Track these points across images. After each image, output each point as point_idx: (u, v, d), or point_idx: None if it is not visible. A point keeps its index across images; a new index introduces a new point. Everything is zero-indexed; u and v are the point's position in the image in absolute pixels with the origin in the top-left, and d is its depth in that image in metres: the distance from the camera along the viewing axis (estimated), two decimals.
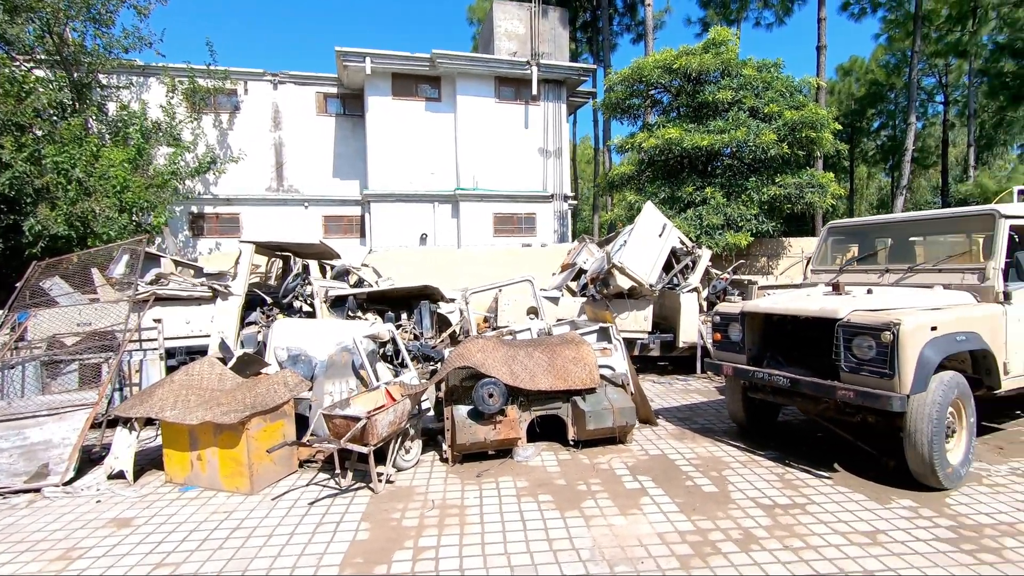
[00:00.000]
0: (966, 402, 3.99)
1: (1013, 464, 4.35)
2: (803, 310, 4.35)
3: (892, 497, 3.77)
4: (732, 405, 5.23)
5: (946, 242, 4.96)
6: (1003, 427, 5.31)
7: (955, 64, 23.92)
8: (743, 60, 12.38)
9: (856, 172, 35.73)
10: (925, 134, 29.79)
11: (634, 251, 7.10)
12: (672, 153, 12.21)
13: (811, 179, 11.33)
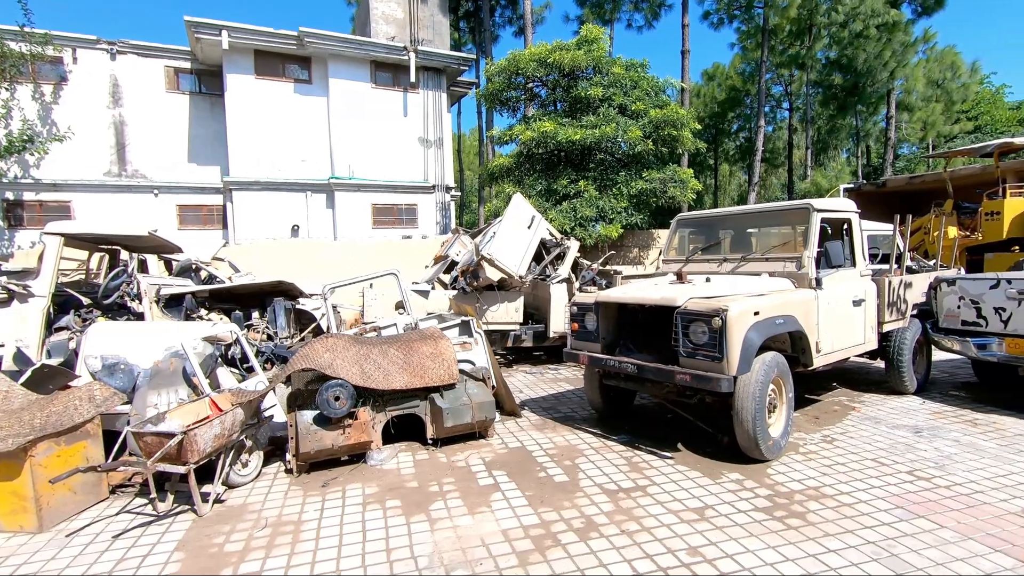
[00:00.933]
0: (785, 379, 4.38)
1: (824, 432, 4.86)
2: (647, 299, 4.53)
3: (723, 472, 4.04)
4: (590, 392, 5.37)
5: (773, 233, 5.44)
6: (820, 398, 5.96)
7: (797, 75, 26.84)
8: (613, 59, 12.92)
9: (720, 170, 39.12)
10: (775, 137, 33.27)
11: (503, 243, 7.08)
12: (548, 146, 12.44)
13: (674, 175, 12.12)
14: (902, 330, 5.81)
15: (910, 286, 5.87)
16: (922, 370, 6.11)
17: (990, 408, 5.42)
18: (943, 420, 5.08)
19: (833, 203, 5.18)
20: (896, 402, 5.71)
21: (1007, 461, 4.07)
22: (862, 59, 19.65)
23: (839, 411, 5.48)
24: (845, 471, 3.99)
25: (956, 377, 6.75)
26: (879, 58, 19.32)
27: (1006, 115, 25.36)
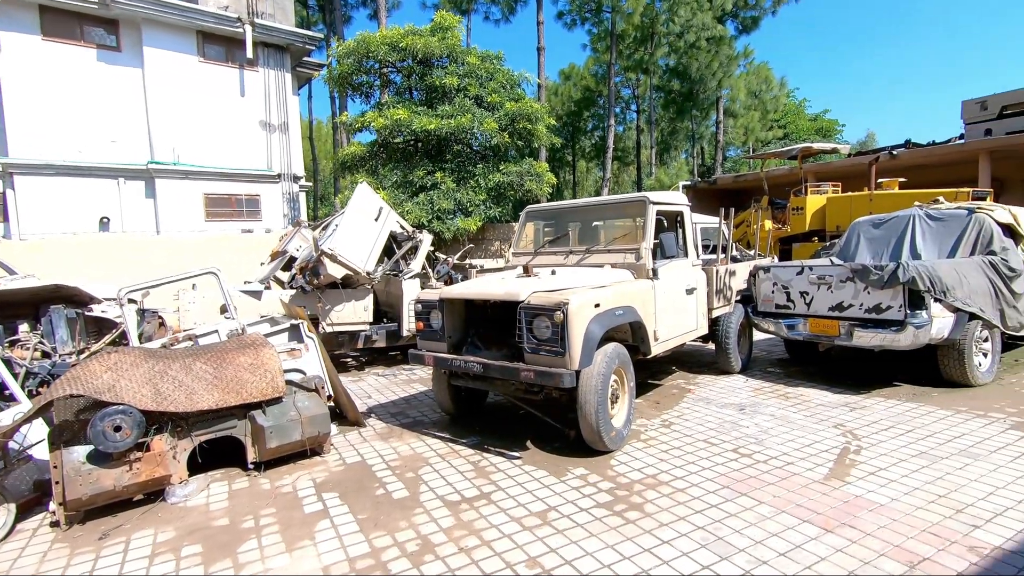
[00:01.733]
0: (627, 369, 4.44)
1: (664, 416, 5.06)
2: (491, 294, 4.32)
3: (569, 468, 3.96)
4: (439, 394, 5.07)
5: (616, 226, 5.55)
6: (661, 383, 6.27)
7: (643, 79, 28.91)
8: (468, 48, 12.71)
9: (578, 166, 41.12)
10: (625, 136, 35.66)
11: (346, 236, 6.49)
12: (403, 135, 11.90)
13: (530, 168, 12.27)
14: (728, 315, 6.29)
15: (734, 274, 6.37)
16: (745, 350, 6.70)
17: (798, 382, 6.06)
18: (762, 396, 5.56)
19: (667, 196, 5.39)
20: (725, 382, 6.18)
21: (811, 431, 4.50)
22: (695, 68, 21.76)
23: (677, 394, 5.77)
24: (680, 455, 4.13)
25: (773, 355, 7.53)
26: (709, 68, 21.56)
27: (807, 124, 29.88)
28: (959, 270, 5.48)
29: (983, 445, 4.07)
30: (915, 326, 5.12)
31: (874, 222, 7.17)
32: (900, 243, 6.71)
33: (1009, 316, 5.78)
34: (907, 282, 5.13)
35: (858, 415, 4.86)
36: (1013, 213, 6.35)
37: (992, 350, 5.76)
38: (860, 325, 5.50)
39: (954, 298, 5.29)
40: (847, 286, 5.60)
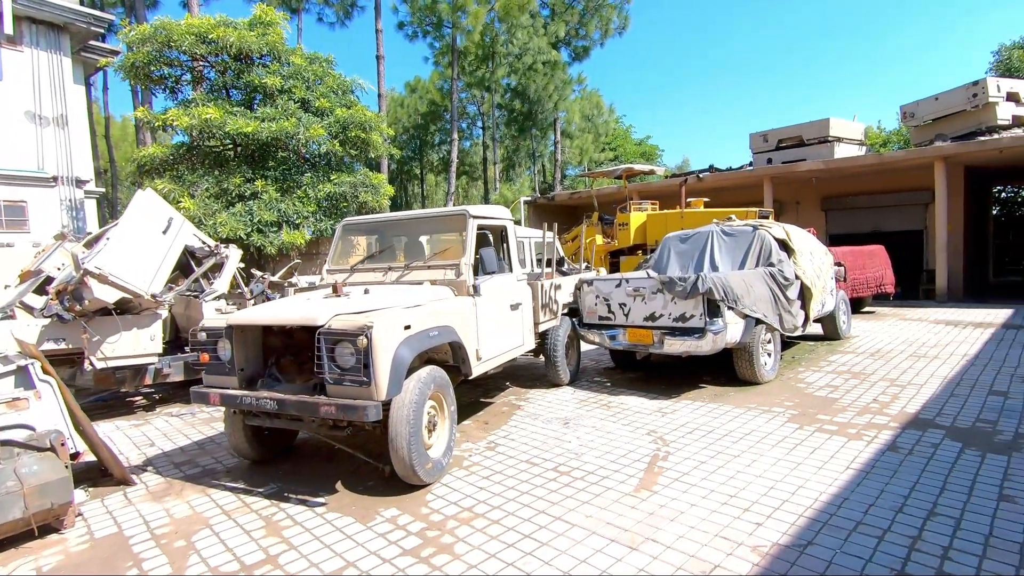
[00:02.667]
0: (446, 393, 4.16)
1: (491, 437, 4.88)
2: (287, 318, 3.78)
3: (379, 510, 3.55)
4: (233, 438, 4.33)
5: (439, 240, 5.29)
6: (493, 400, 6.13)
7: (487, 97, 29.59)
8: (292, 48, 11.76)
9: (427, 180, 40.82)
10: (473, 152, 36.21)
11: (120, 252, 5.40)
12: (216, 138, 10.57)
13: (365, 179, 11.64)
14: (555, 328, 6.37)
15: (559, 288, 6.48)
16: (574, 362, 6.85)
17: (621, 390, 6.31)
18: (587, 408, 5.66)
19: (489, 211, 5.28)
20: (554, 395, 6.22)
21: (627, 440, 4.62)
22: (533, 89, 22.84)
23: (507, 412, 5.65)
24: (501, 479, 3.94)
25: (601, 364, 7.84)
26: (546, 90, 22.76)
27: (633, 148, 33.09)
28: (746, 280, 6.12)
29: (767, 440, 4.47)
30: (713, 332, 5.58)
31: (681, 237, 7.84)
32: (702, 256, 7.39)
33: (786, 319, 6.61)
34: (705, 292, 5.58)
35: (669, 420, 5.12)
36: (786, 230, 7.33)
37: (774, 350, 6.53)
38: (670, 333, 5.87)
39: (743, 306, 5.88)
40: (658, 297, 5.97)
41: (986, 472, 3.71)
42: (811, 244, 7.79)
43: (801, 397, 5.68)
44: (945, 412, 5.00)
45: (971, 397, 5.43)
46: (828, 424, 4.81)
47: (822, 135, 14.69)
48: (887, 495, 3.42)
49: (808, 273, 7.19)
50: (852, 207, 16.29)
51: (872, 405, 5.31)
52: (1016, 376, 6.13)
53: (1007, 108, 13.36)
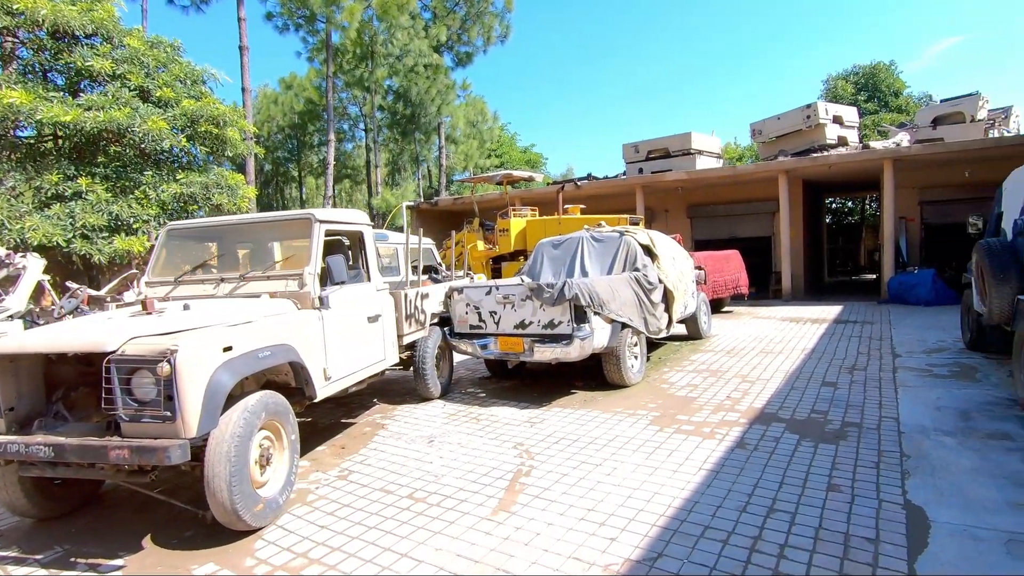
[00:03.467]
0: (285, 420, 3.66)
1: (345, 464, 4.42)
2: (65, 344, 3.09)
3: (191, 568, 2.99)
4: (6, 492, 3.47)
5: (288, 247, 4.75)
6: (355, 420, 5.65)
7: (369, 98, 28.51)
8: (128, 29, 10.33)
9: (307, 183, 38.50)
10: (356, 155, 34.72)
11: None
12: (32, 128, 8.95)
13: (220, 179, 10.49)
14: (424, 339, 6.03)
15: (427, 297, 6.16)
16: (446, 374, 6.54)
17: (493, 401, 6.12)
18: (455, 422, 5.39)
19: (342, 215, 4.83)
20: (423, 410, 5.88)
21: (492, 456, 4.40)
22: (415, 92, 22.33)
23: (369, 433, 5.22)
24: (348, 513, 3.53)
25: (477, 373, 7.62)
26: (428, 94, 22.37)
27: (518, 155, 33.69)
28: (612, 285, 6.21)
29: (629, 446, 4.47)
30: (581, 338, 5.57)
31: (554, 243, 7.87)
32: (573, 262, 7.45)
33: (651, 323, 6.81)
34: (572, 299, 5.55)
35: (537, 430, 4.99)
36: (651, 236, 7.61)
37: (641, 353, 6.71)
38: (539, 340, 5.78)
39: (609, 311, 5.94)
40: (527, 304, 5.85)
41: (818, 463, 3.95)
42: (674, 249, 8.17)
43: (664, 398, 5.84)
44: (786, 405, 5.37)
45: (807, 389, 5.90)
46: (686, 424, 4.95)
47: (685, 148, 15.79)
48: (733, 494, 3.50)
49: (671, 277, 7.51)
50: (713, 215, 17.70)
51: (725, 402, 5.57)
52: (843, 367, 6.81)
53: (834, 129, 15.24)
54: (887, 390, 5.73)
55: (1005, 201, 6.10)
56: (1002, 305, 5.26)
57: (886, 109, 30.88)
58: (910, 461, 3.90)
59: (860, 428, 4.63)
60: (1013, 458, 3.86)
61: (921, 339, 8.37)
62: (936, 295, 12.15)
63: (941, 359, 6.98)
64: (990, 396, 5.31)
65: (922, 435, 4.39)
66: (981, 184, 13.05)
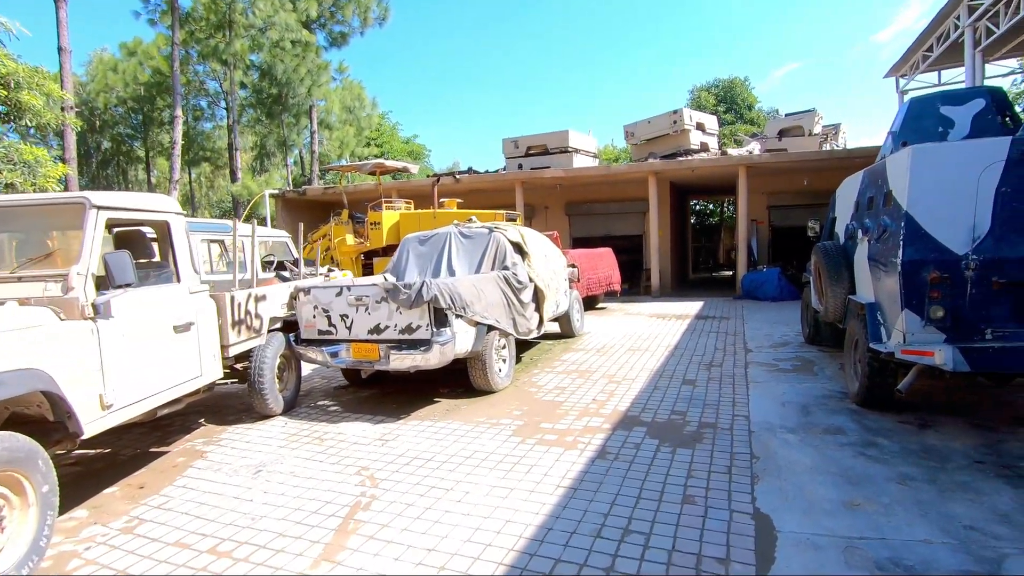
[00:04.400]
0: (28, 469, 2.77)
1: (138, 510, 3.56)
2: None
3: None
4: None
5: (37, 241, 3.73)
6: (169, 449, 4.71)
7: (229, 73, 25.73)
8: None
9: (158, 164, 34.08)
10: (216, 135, 31.33)
11: None
12: None
13: (10, 153, 8.55)
14: (260, 348, 5.21)
15: (263, 299, 5.32)
16: (292, 386, 5.75)
17: (346, 415, 5.46)
18: (295, 444, 4.67)
19: (138, 200, 3.91)
20: (259, 430, 5.07)
21: (329, 486, 3.78)
22: (281, 70, 20.42)
23: (182, 463, 4.34)
24: None
25: (332, 382, 6.87)
26: (296, 72, 20.56)
27: (400, 146, 32.43)
28: (478, 285, 5.81)
29: (487, 463, 4.08)
30: (441, 344, 5.09)
31: (420, 239, 7.32)
32: (440, 259, 6.96)
33: (520, 323, 6.52)
34: (431, 300, 5.05)
35: (389, 449, 4.44)
36: (522, 233, 7.33)
37: (510, 355, 6.40)
38: (396, 347, 5.22)
39: (474, 312, 5.53)
40: (383, 307, 5.26)
41: (675, 471, 3.83)
42: (546, 247, 7.99)
43: (530, 403, 5.57)
44: (649, 407, 5.32)
45: (669, 388, 5.94)
46: (549, 433, 4.68)
47: (563, 145, 15.96)
48: (590, 515, 3.23)
49: (542, 276, 7.30)
50: (590, 213, 18.14)
51: (591, 406, 5.41)
52: (702, 364, 7.02)
53: (697, 135, 16.22)
54: (740, 387, 5.92)
55: (838, 207, 6.59)
56: (836, 304, 5.62)
57: (741, 121, 34.00)
58: (759, 463, 3.91)
59: (715, 429, 4.65)
60: (846, 453, 4.02)
61: (769, 334, 8.99)
62: (781, 291, 13.35)
63: (785, 353, 7.47)
64: (825, 390, 5.66)
65: (770, 433, 4.48)
66: (818, 191, 14.57)
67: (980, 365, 3.93)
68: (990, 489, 3.40)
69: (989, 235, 3.90)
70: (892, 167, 4.55)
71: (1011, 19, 8.33)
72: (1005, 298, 3.93)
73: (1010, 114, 5.01)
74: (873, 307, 4.75)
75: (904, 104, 5.54)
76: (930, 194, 4.06)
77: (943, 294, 4.01)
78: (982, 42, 9.19)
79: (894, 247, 4.20)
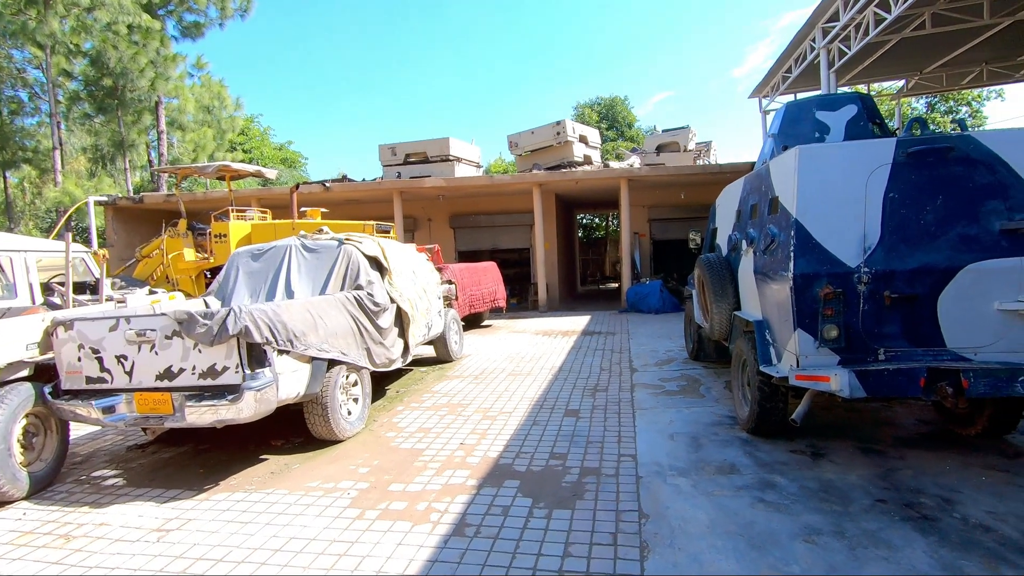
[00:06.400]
0: None
1: None
2: None
3: None
4: None
5: None
6: None
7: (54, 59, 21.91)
8: None
9: None
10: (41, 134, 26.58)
11: None
12: None
13: None
14: None
15: None
16: (51, 456, 4.21)
17: (126, 491, 4.05)
18: (23, 549, 3.23)
19: None
20: None
21: None
22: (115, 58, 17.50)
23: None
24: None
25: (129, 439, 5.31)
26: (135, 62, 17.73)
27: (272, 152, 29.64)
28: (315, 310, 4.67)
29: (297, 562, 2.97)
30: (255, 389, 3.88)
31: (253, 253, 6.00)
32: (277, 278, 5.70)
33: (376, 354, 5.45)
34: (240, 334, 3.84)
35: (163, 549, 3.17)
36: (381, 246, 6.26)
37: (363, 394, 5.29)
38: (196, 396, 3.92)
39: (307, 345, 4.39)
40: (175, 343, 3.95)
41: (549, 548, 2.99)
42: (413, 262, 6.99)
43: (384, 455, 4.51)
44: (525, 450, 4.48)
45: (550, 422, 5.17)
46: (399, 499, 3.67)
47: (443, 153, 15.07)
48: None
49: (407, 295, 6.28)
50: (476, 225, 17.39)
51: (457, 453, 4.47)
52: (587, 389, 6.37)
53: (580, 148, 16.12)
54: (626, 416, 5.30)
55: (718, 217, 6.28)
56: (721, 321, 5.19)
57: (623, 138, 35.40)
58: (649, 524, 3.19)
59: (599, 476, 3.90)
60: (743, 501, 3.43)
61: (654, 350, 8.65)
62: (663, 303, 13.39)
63: (671, 371, 7.06)
64: (714, 415, 5.19)
65: (659, 478, 3.82)
66: (694, 204, 14.97)
67: (875, 389, 3.53)
68: (901, 540, 2.92)
69: (880, 245, 3.53)
70: (777, 171, 4.13)
71: (861, 40, 8.82)
72: (896, 314, 3.57)
73: (879, 121, 4.87)
74: (762, 325, 4.29)
75: (781, 107, 5.29)
76: (819, 201, 3.63)
77: (836, 311, 3.58)
78: (835, 63, 9.71)
79: (784, 259, 3.73)
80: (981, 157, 3.52)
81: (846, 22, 8.86)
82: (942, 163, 3.55)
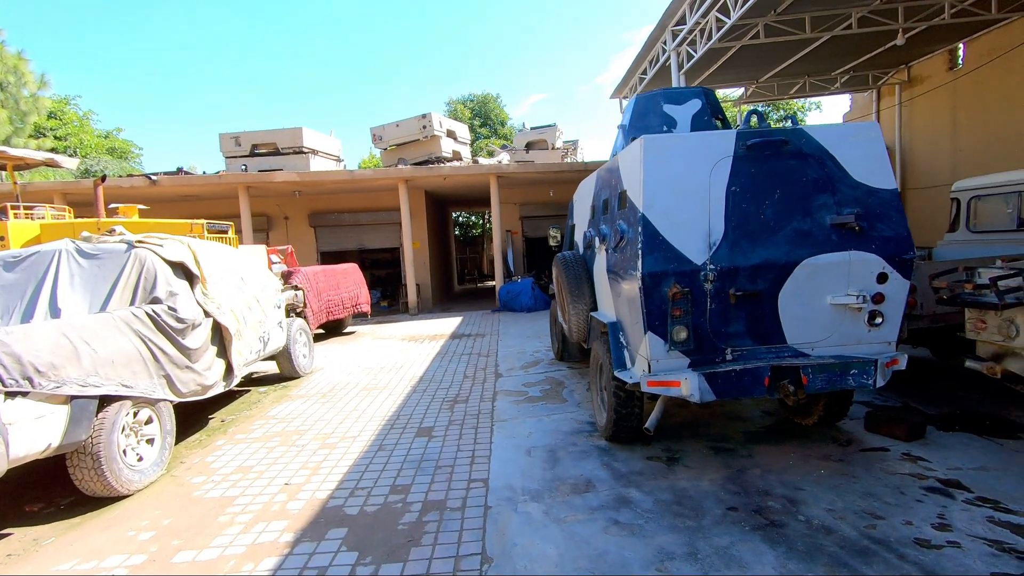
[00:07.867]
0: None
1: None
2: None
3: None
4: None
5: None
6: None
7: None
8: None
9: None
10: None
11: None
12: None
13: None
14: None
15: None
16: None
17: None
18: None
19: None
20: None
21: None
22: None
23: None
24: None
25: None
26: None
27: (95, 141, 25.32)
28: (77, 335, 3.62)
29: None
30: None
31: (7, 261, 4.66)
32: (39, 292, 4.46)
33: (182, 381, 4.46)
34: None
35: None
36: (193, 249, 5.20)
37: (162, 431, 4.29)
38: None
39: (60, 381, 3.36)
40: None
41: None
42: (238, 266, 5.97)
43: (181, 510, 3.61)
44: (362, 485, 3.84)
45: (398, 446, 4.56)
46: (183, 573, 2.85)
47: (296, 145, 13.72)
48: None
49: (231, 306, 5.31)
50: (338, 224, 16.15)
51: (278, 497, 3.71)
52: (446, 401, 5.85)
53: (449, 143, 15.56)
54: (483, 431, 4.84)
55: (576, 213, 6.07)
56: (579, 322, 4.93)
57: (496, 136, 35.44)
58: (492, 569, 2.72)
59: (443, 511, 3.38)
60: (597, 526, 3.10)
61: (521, 351, 8.36)
62: (535, 301, 13.31)
63: (535, 375, 6.77)
64: (574, 422, 4.92)
65: (510, 507, 3.39)
66: (562, 202, 15.08)
67: (724, 392, 3.39)
68: (751, 555, 2.74)
69: (724, 241, 3.38)
70: (624, 163, 3.89)
71: (705, 44, 9.24)
72: (741, 312, 3.45)
73: (721, 116, 4.88)
74: (616, 327, 4.05)
75: (632, 100, 5.14)
76: (665, 194, 3.41)
77: (684, 311, 3.38)
78: (684, 66, 10.13)
79: (633, 257, 3.47)
80: (812, 151, 3.51)
81: (691, 26, 9.25)
82: (778, 156, 3.49)
